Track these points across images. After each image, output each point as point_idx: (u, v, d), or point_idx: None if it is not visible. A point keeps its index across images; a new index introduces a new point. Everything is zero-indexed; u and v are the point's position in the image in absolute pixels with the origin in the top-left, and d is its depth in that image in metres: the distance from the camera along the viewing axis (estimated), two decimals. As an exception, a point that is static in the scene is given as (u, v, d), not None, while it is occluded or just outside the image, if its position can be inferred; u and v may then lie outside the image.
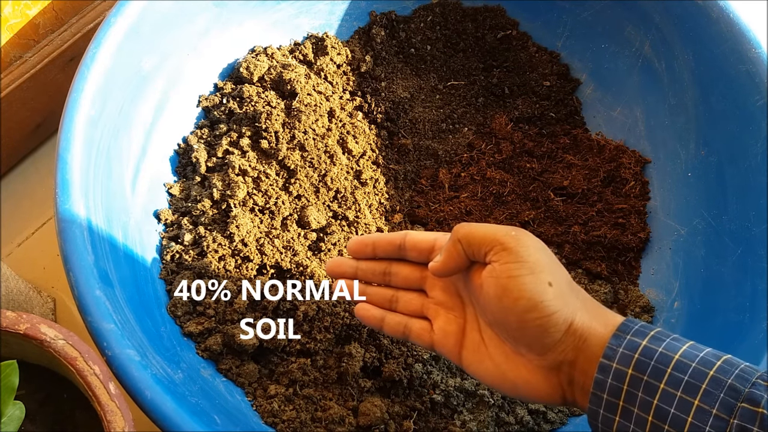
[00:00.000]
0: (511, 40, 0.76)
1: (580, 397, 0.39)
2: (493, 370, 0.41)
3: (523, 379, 0.40)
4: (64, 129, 0.51)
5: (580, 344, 0.38)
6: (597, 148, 0.70)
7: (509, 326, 0.39)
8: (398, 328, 0.46)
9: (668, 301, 0.61)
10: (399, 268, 0.47)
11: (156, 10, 0.59)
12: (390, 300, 0.47)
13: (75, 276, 0.46)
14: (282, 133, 0.64)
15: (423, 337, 0.45)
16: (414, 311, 0.46)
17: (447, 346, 0.44)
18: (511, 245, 0.39)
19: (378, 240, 0.47)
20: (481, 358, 0.42)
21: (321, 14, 0.72)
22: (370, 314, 0.47)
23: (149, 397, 0.44)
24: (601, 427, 0.37)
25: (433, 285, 0.46)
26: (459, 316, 0.44)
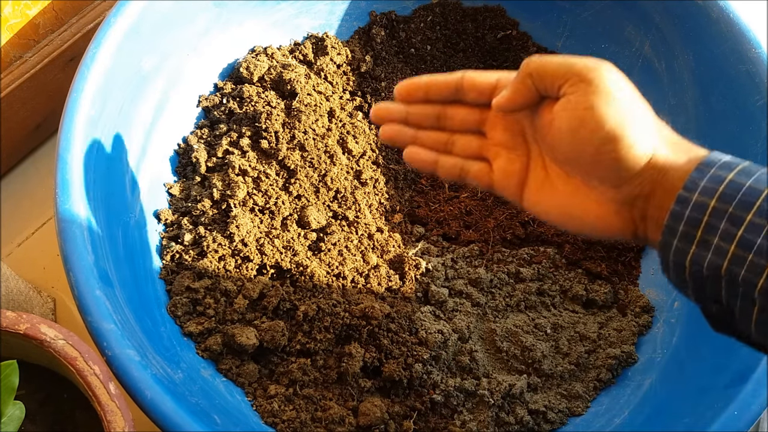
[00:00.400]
0: (511, 40, 0.76)
1: (652, 232, 0.37)
2: (558, 206, 0.40)
3: (591, 214, 0.39)
4: (64, 129, 0.51)
5: (658, 178, 0.37)
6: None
7: (583, 161, 0.38)
8: (454, 170, 0.44)
9: (668, 301, 0.61)
10: (455, 110, 0.44)
11: (156, 10, 0.59)
12: (445, 143, 0.45)
13: (75, 276, 0.46)
14: (282, 133, 0.64)
15: (482, 178, 0.43)
16: (472, 154, 0.44)
17: (508, 187, 0.42)
18: (590, 76, 0.37)
19: (431, 81, 0.44)
20: (545, 196, 0.41)
21: (321, 14, 0.72)
22: (421, 157, 0.45)
23: (149, 397, 0.44)
24: (672, 259, 0.35)
25: (493, 125, 0.43)
26: (522, 155, 0.42)
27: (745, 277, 0.33)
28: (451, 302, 0.61)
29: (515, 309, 0.62)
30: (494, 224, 0.66)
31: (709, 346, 0.55)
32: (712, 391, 0.50)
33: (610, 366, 0.58)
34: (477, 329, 0.60)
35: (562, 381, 0.58)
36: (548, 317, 0.61)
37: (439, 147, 0.45)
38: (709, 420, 0.48)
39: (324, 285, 0.59)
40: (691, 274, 0.35)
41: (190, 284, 0.56)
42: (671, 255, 0.35)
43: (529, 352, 0.58)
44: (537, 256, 0.65)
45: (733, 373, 0.50)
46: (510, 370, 0.58)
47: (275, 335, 0.55)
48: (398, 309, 0.59)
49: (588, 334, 0.60)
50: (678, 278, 0.36)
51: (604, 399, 0.57)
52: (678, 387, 0.54)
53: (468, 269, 0.63)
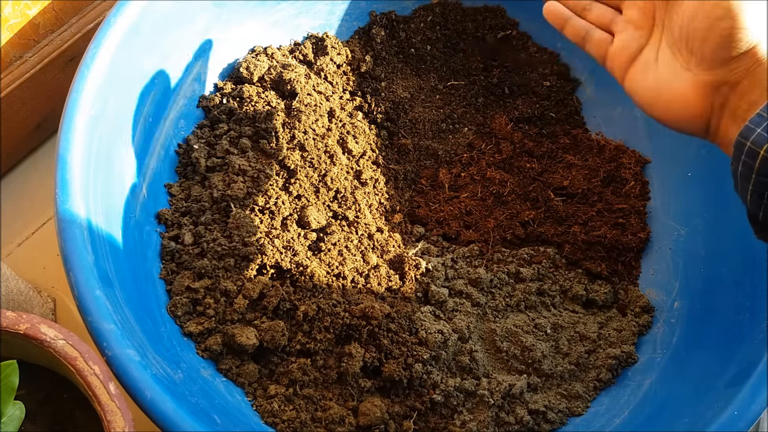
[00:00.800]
0: (511, 39, 0.76)
1: (726, 121, 0.42)
2: (653, 85, 0.45)
3: (680, 93, 0.43)
4: (64, 129, 0.51)
5: (752, 68, 0.40)
6: (597, 148, 0.70)
7: (695, 36, 0.41)
8: (580, 32, 0.50)
9: (668, 301, 0.61)
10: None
11: (156, 10, 0.59)
12: (583, 8, 0.50)
13: (75, 276, 0.46)
14: (282, 133, 0.64)
15: (600, 46, 0.49)
16: (602, 23, 0.49)
17: (619, 59, 0.47)
18: None
19: None
20: (646, 74, 0.45)
21: (321, 14, 0.72)
22: (558, 11, 0.51)
23: (149, 397, 0.44)
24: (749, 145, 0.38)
25: (632, 4, 0.47)
26: (644, 35, 0.46)
27: None
28: (451, 302, 0.61)
29: (515, 309, 0.62)
30: (494, 224, 0.66)
31: (710, 346, 0.55)
32: (712, 391, 0.50)
33: (610, 366, 0.58)
34: (477, 329, 0.60)
35: (562, 381, 0.58)
36: (548, 317, 0.61)
37: (575, 9, 0.51)
38: (709, 420, 0.48)
39: (324, 285, 0.59)
40: (762, 162, 0.38)
41: (190, 284, 0.56)
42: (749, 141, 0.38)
43: (529, 352, 0.58)
44: (537, 256, 0.65)
45: (734, 373, 0.50)
46: (510, 370, 0.58)
47: (275, 335, 0.55)
48: (398, 309, 0.59)
49: (588, 334, 0.60)
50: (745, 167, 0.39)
51: (604, 399, 0.57)
52: (678, 387, 0.54)
53: (468, 269, 0.63)
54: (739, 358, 0.51)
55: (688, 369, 0.55)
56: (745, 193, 0.40)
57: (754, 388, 0.48)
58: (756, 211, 0.41)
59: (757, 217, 0.42)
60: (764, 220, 0.41)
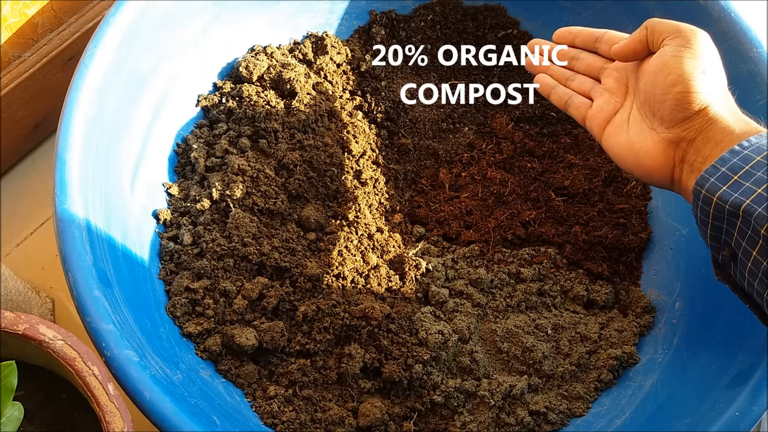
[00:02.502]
0: (511, 39, 0.75)
1: (686, 174, 0.47)
2: (625, 141, 0.50)
3: (646, 149, 0.48)
4: (63, 128, 0.51)
5: (705, 126, 0.45)
6: (598, 148, 0.70)
7: (654, 99, 0.48)
8: (564, 97, 0.57)
9: (669, 302, 0.61)
10: (586, 56, 0.57)
11: (155, 10, 0.59)
12: (567, 78, 0.58)
13: (74, 276, 0.46)
14: (281, 132, 0.64)
15: (580, 109, 0.55)
16: (583, 91, 0.56)
17: (597, 120, 0.53)
18: (687, 35, 0.47)
19: (581, 31, 0.57)
20: (619, 132, 0.51)
21: (321, 13, 0.72)
22: (546, 82, 0.58)
23: (148, 397, 0.43)
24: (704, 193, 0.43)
25: (608, 74, 0.54)
26: (619, 101, 0.53)
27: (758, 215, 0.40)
28: (452, 303, 0.60)
29: (516, 309, 0.62)
30: (495, 224, 0.66)
31: (711, 346, 0.54)
32: (713, 391, 0.50)
33: (611, 367, 0.58)
34: (477, 330, 0.60)
35: (562, 382, 0.58)
36: (549, 318, 0.61)
37: (561, 79, 0.58)
38: (711, 421, 0.48)
39: (323, 285, 0.59)
40: (715, 208, 0.42)
41: (189, 284, 0.56)
42: (704, 189, 0.43)
43: (529, 353, 0.58)
44: (538, 256, 0.65)
45: (735, 373, 0.50)
46: (510, 370, 0.58)
47: (275, 336, 0.54)
48: (398, 309, 0.59)
49: (589, 334, 0.60)
50: (702, 213, 0.44)
51: (605, 400, 0.57)
52: (679, 388, 0.54)
53: (468, 269, 0.63)
54: (741, 359, 0.51)
55: (689, 370, 0.55)
56: (705, 237, 0.45)
57: (756, 389, 0.48)
58: (715, 253, 0.46)
59: (716, 259, 0.47)
60: (723, 262, 0.46)
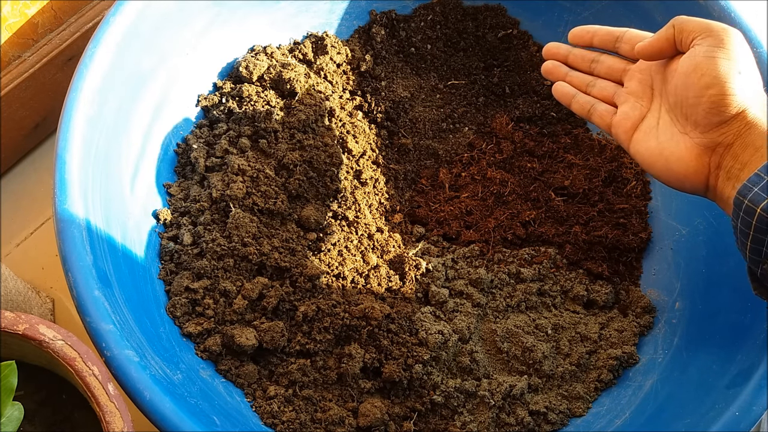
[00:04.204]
0: (511, 39, 0.75)
1: (722, 181, 0.44)
2: (654, 147, 0.48)
3: (678, 155, 0.46)
4: (63, 128, 0.51)
5: (743, 131, 0.43)
6: (598, 147, 0.70)
7: (687, 102, 0.45)
8: (585, 106, 0.54)
9: (669, 302, 0.61)
10: (606, 58, 0.54)
11: (155, 10, 0.59)
12: (587, 84, 0.54)
13: (74, 276, 0.46)
14: (281, 132, 0.64)
15: (604, 117, 0.52)
16: (605, 97, 0.53)
17: (623, 127, 0.50)
18: (720, 34, 0.44)
19: (601, 29, 0.53)
20: (648, 138, 0.48)
21: (321, 13, 0.72)
22: (565, 90, 0.55)
23: (148, 397, 0.43)
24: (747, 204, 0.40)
25: (631, 77, 0.51)
26: (645, 105, 0.50)
27: None
28: (452, 303, 0.60)
29: (516, 309, 0.62)
30: (495, 224, 0.66)
31: (711, 346, 0.54)
32: (713, 391, 0.50)
33: (611, 367, 0.58)
34: (477, 330, 0.60)
35: (562, 382, 0.58)
36: (549, 318, 0.61)
37: (581, 86, 0.55)
38: (711, 420, 0.48)
39: (324, 285, 0.59)
40: (758, 219, 0.40)
41: (189, 284, 0.56)
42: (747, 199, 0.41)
43: (529, 353, 0.58)
44: (538, 256, 0.65)
45: (735, 373, 0.50)
46: (511, 370, 0.58)
47: (275, 336, 0.54)
48: (398, 309, 0.59)
49: (589, 334, 0.60)
50: (743, 224, 0.41)
51: (605, 400, 0.57)
52: (679, 388, 0.54)
53: (468, 269, 0.63)
54: (741, 359, 0.51)
55: (689, 370, 0.55)
56: (744, 249, 0.43)
57: (756, 389, 0.48)
58: (754, 266, 0.43)
59: (755, 273, 0.44)
60: (762, 276, 0.43)
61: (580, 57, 0.55)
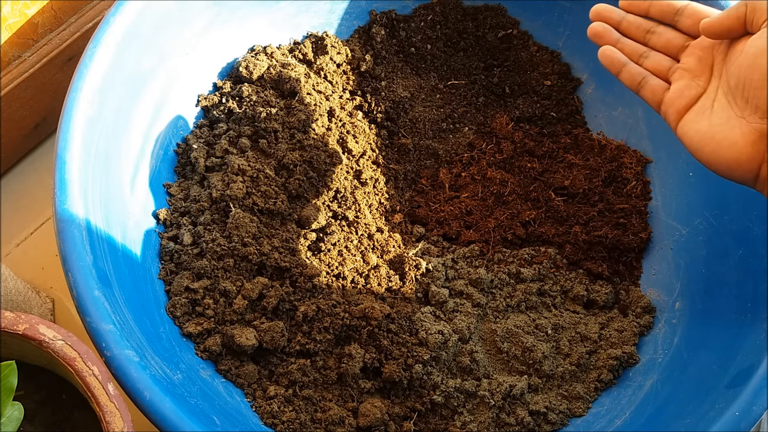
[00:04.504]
0: (511, 39, 0.75)
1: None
2: (705, 130, 0.45)
3: (731, 140, 0.43)
4: (63, 128, 0.51)
5: None
6: (598, 147, 0.70)
7: (751, 85, 0.42)
8: (636, 77, 0.50)
9: (669, 302, 0.61)
10: (665, 30, 0.50)
11: (155, 10, 0.59)
12: (640, 55, 0.51)
13: (74, 276, 0.46)
14: (281, 132, 0.64)
15: (656, 92, 0.49)
16: (659, 71, 0.50)
17: (675, 106, 0.47)
18: None
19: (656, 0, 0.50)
20: (700, 119, 0.46)
21: (321, 13, 0.72)
22: (615, 57, 0.51)
23: (148, 398, 0.43)
24: None
25: (690, 53, 0.48)
26: (702, 85, 0.47)
27: None
28: (452, 303, 0.60)
29: (516, 309, 0.62)
30: (495, 224, 0.66)
31: (711, 346, 0.54)
32: (713, 391, 0.50)
33: (611, 367, 0.58)
34: (477, 330, 0.60)
35: (562, 382, 0.58)
36: (549, 318, 0.61)
37: (632, 56, 0.51)
38: (711, 420, 0.48)
39: (324, 285, 0.59)
40: None
41: (189, 284, 0.56)
42: None
43: (529, 353, 0.58)
44: (538, 256, 0.65)
45: (735, 373, 0.50)
46: (511, 370, 0.58)
47: (275, 336, 0.54)
48: (398, 309, 0.59)
49: (589, 334, 0.60)
50: None
51: (605, 400, 0.57)
52: (679, 388, 0.54)
53: (468, 269, 0.63)
54: (741, 359, 0.51)
55: (689, 369, 0.55)
56: None
57: (756, 389, 0.48)
58: None
59: None
60: None
61: (634, 25, 0.51)
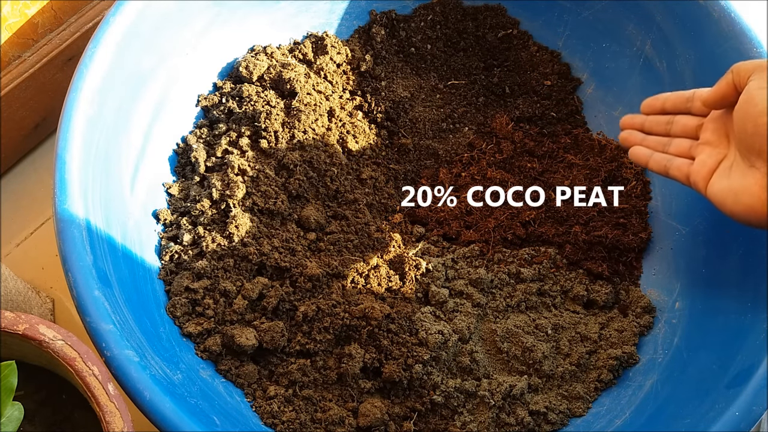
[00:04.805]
0: (511, 39, 0.75)
1: None
2: (726, 186, 0.49)
3: (745, 188, 0.47)
4: (63, 128, 0.51)
5: None
6: (598, 147, 0.70)
7: (746, 134, 0.47)
8: (662, 161, 0.56)
9: (669, 302, 0.61)
10: (681, 117, 0.56)
11: (155, 10, 0.59)
12: (664, 145, 0.57)
13: (74, 276, 0.46)
14: (281, 132, 0.64)
15: (682, 168, 0.54)
16: (681, 152, 0.55)
17: (700, 174, 0.52)
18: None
19: (669, 95, 0.57)
20: (721, 179, 0.50)
21: (321, 13, 0.72)
22: (640, 152, 0.58)
23: (148, 397, 0.43)
24: None
25: (705, 128, 0.53)
26: (722, 152, 0.52)
27: None
28: (452, 303, 0.60)
29: (516, 309, 0.62)
30: (495, 224, 0.66)
31: (711, 346, 0.54)
32: (713, 391, 0.50)
33: (611, 367, 0.58)
34: (477, 330, 0.60)
35: (562, 382, 0.58)
36: (549, 318, 0.61)
37: (657, 148, 0.57)
38: (711, 420, 0.48)
39: (323, 285, 0.59)
40: None
41: (189, 284, 0.56)
42: None
43: (529, 353, 0.58)
44: (538, 256, 0.65)
45: (735, 373, 0.50)
46: (510, 370, 0.58)
47: (275, 336, 0.54)
48: (398, 309, 0.59)
49: (589, 334, 0.60)
50: None
51: (605, 400, 0.57)
52: (679, 388, 0.54)
53: (468, 269, 0.63)
54: (741, 359, 0.51)
55: (689, 369, 0.55)
56: None
57: (756, 389, 0.48)
58: None
59: None
60: None
61: (654, 122, 0.58)
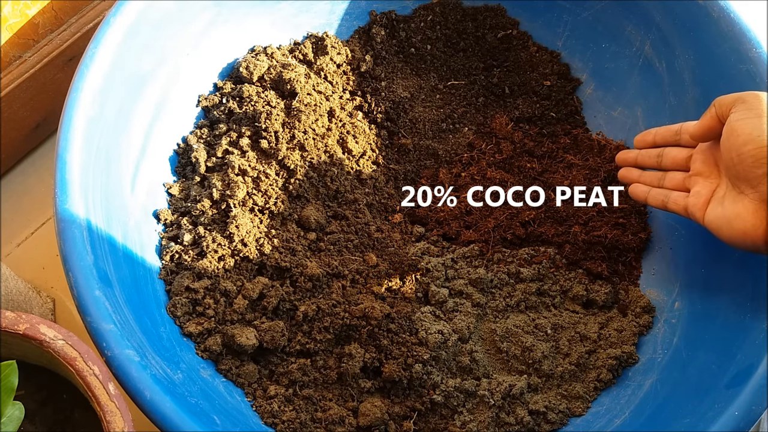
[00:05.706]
0: (511, 39, 0.75)
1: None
2: (720, 213, 0.51)
3: (737, 214, 0.49)
4: (64, 129, 0.51)
5: None
6: (598, 147, 0.70)
7: (732, 163, 0.49)
8: (659, 197, 0.58)
9: (669, 302, 0.61)
10: (670, 150, 0.59)
11: (155, 10, 0.59)
12: (659, 179, 0.60)
13: (74, 276, 0.46)
14: (282, 132, 0.64)
15: (678, 201, 0.56)
16: (676, 185, 0.58)
17: (696, 205, 0.54)
18: (749, 99, 0.49)
19: (659, 129, 0.60)
20: (716, 207, 0.52)
21: (321, 14, 0.72)
22: (639, 189, 0.61)
23: (149, 397, 0.44)
24: None
25: (695, 159, 0.56)
26: (714, 181, 0.54)
27: None
28: (451, 302, 0.61)
29: (515, 309, 0.62)
30: (494, 224, 0.66)
31: (710, 346, 0.55)
32: (713, 391, 0.50)
33: (610, 366, 0.58)
34: (477, 329, 0.60)
35: (562, 381, 0.58)
36: (548, 317, 0.61)
37: (653, 183, 0.60)
38: (710, 420, 0.48)
39: (324, 285, 0.59)
40: None
41: (189, 284, 0.56)
42: None
43: (529, 353, 0.58)
44: (537, 256, 0.65)
45: (734, 373, 0.50)
46: (510, 370, 0.58)
47: (275, 335, 0.55)
48: (398, 309, 0.59)
49: (588, 334, 0.60)
50: None
51: (605, 399, 0.57)
52: (679, 387, 0.54)
53: (468, 269, 0.63)
54: (740, 359, 0.51)
55: (688, 369, 0.55)
56: None
57: (755, 389, 0.48)
58: None
59: None
60: None
61: (646, 156, 0.61)
